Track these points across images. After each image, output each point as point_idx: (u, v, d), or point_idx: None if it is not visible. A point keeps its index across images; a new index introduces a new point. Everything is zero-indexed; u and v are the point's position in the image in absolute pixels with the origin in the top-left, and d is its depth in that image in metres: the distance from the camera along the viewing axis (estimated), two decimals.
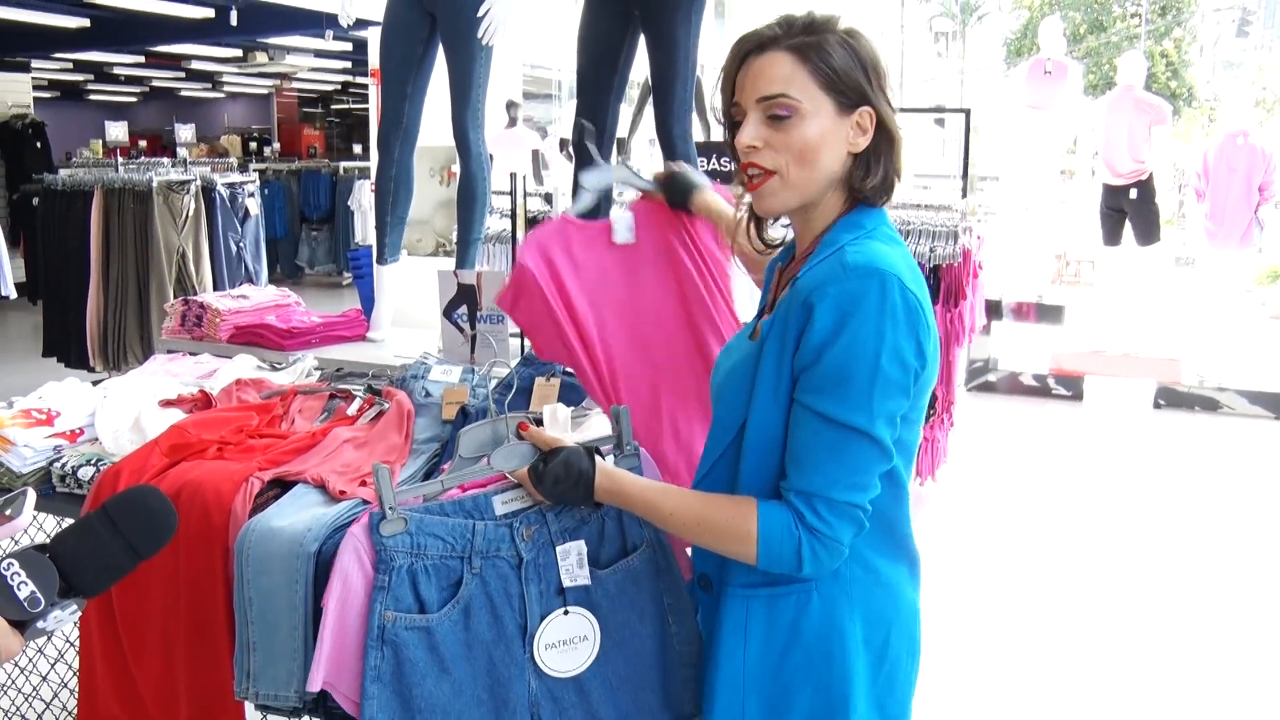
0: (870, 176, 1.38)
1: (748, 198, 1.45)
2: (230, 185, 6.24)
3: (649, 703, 1.52)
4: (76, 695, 2.11)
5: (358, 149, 14.09)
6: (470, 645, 1.40)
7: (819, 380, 1.29)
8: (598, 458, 1.43)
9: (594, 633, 1.47)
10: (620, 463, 1.52)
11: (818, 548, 1.30)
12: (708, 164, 4.64)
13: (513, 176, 4.76)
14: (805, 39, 1.36)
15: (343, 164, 12.90)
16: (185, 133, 12.65)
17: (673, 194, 1.98)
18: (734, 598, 1.42)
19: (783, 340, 1.34)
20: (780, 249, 1.57)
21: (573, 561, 1.46)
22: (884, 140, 1.38)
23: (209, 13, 9.32)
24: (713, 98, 1.64)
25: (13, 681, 2.88)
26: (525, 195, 4.86)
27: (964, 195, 5.52)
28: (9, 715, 2.86)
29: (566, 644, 1.45)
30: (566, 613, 1.45)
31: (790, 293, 1.36)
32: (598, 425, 2.00)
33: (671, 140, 3.09)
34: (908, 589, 1.47)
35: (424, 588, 1.39)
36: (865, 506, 1.32)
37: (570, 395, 2.17)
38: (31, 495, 1.13)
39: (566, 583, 1.46)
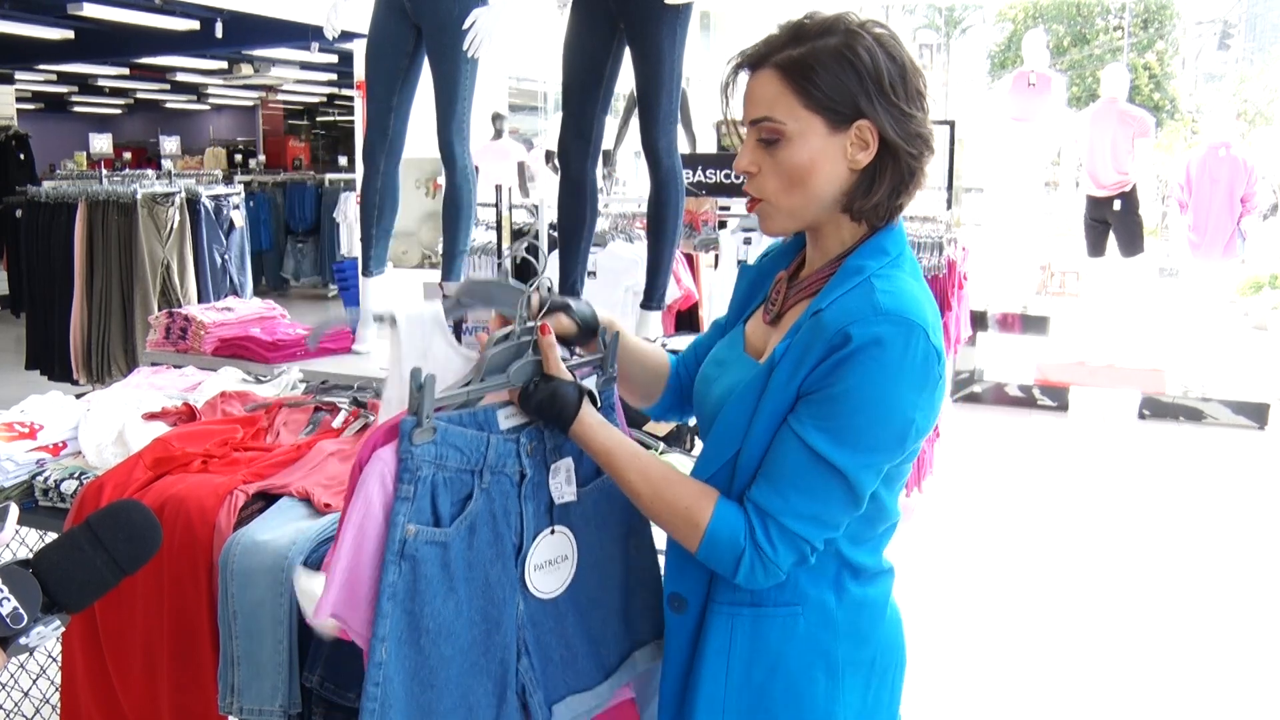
0: (870, 195, 1.31)
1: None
2: (215, 197, 6.22)
3: (614, 628, 1.51)
4: (59, 711, 2.10)
5: (343, 161, 14.05)
6: (471, 564, 1.36)
7: (817, 410, 1.25)
8: (587, 401, 1.38)
9: (573, 552, 1.45)
10: (600, 383, 1.50)
11: (757, 565, 1.28)
12: (693, 176, 4.66)
13: (498, 189, 4.77)
14: (791, 53, 1.28)
15: (328, 176, 12.88)
16: (170, 145, 12.57)
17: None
18: (718, 614, 1.39)
19: (796, 368, 1.28)
20: (769, 257, 1.52)
21: (562, 478, 1.43)
22: (888, 155, 1.29)
23: (194, 25, 9.29)
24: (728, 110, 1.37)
25: None
26: (511, 207, 4.86)
27: (949, 207, 5.54)
28: None
29: (551, 564, 1.43)
30: (553, 531, 1.43)
31: (813, 323, 1.28)
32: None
33: (657, 152, 3.10)
34: (889, 602, 1.45)
35: (441, 500, 1.33)
36: (815, 544, 1.29)
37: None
38: (14, 509, 1.12)
39: (556, 499, 1.43)
